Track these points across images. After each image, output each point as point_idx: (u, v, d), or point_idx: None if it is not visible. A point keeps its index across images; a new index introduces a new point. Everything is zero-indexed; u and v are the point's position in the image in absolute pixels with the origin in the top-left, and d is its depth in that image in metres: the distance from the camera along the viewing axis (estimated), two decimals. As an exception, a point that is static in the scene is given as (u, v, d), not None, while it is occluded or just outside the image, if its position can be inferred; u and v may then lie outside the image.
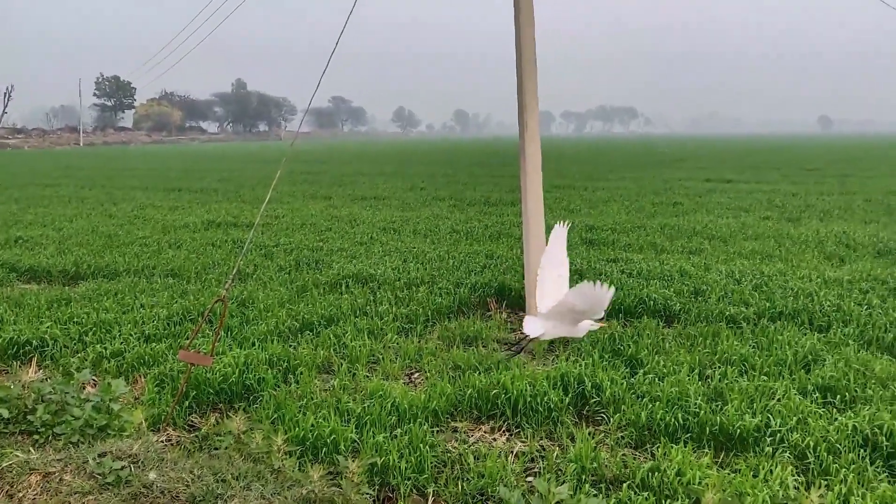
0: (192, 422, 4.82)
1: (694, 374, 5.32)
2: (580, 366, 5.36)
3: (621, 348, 5.90)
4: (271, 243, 11.08)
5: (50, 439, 4.17)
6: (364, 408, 4.73)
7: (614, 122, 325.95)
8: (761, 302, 7.15)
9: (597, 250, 10.39)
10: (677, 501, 3.68)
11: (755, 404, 4.67)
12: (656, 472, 3.89)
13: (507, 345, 6.39)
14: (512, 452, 4.33)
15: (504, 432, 4.65)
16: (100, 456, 3.77)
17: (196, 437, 4.48)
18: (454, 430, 4.65)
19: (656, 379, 5.18)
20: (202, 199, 18.68)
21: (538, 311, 4.76)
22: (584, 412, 4.88)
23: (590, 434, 4.46)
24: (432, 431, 4.51)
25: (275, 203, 17.06)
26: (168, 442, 4.48)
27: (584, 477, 3.95)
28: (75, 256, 9.91)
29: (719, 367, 5.45)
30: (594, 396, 4.94)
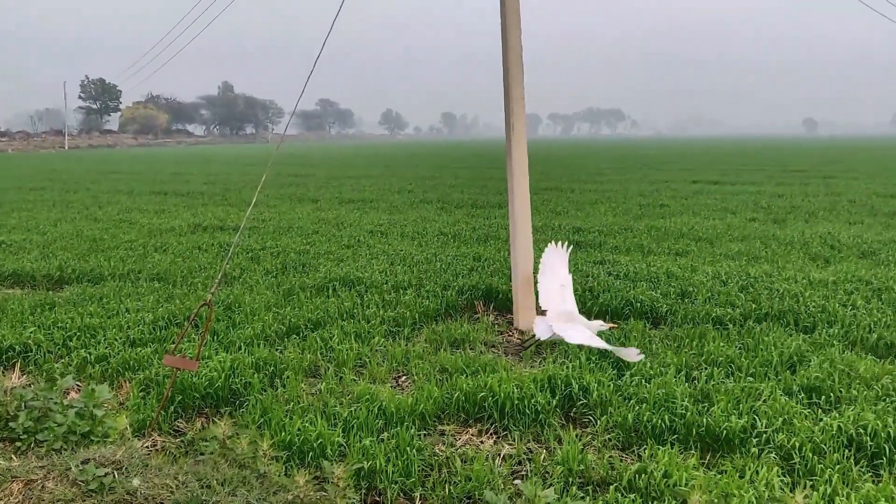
0: (177, 427, 4.78)
1: (681, 375, 5.34)
2: (567, 368, 5.36)
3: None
4: (258, 246, 11.03)
5: (32, 446, 4.12)
6: (351, 412, 4.71)
7: (601, 125, 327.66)
8: (747, 303, 7.18)
9: (584, 252, 10.41)
10: (664, 503, 3.68)
11: (741, 405, 4.69)
12: (643, 474, 3.89)
13: (517, 346, 6.41)
14: (499, 455, 4.33)
15: (491, 435, 4.64)
16: (83, 463, 3.73)
17: (182, 443, 4.45)
18: (441, 434, 4.64)
19: (643, 381, 5.19)
20: (188, 203, 18.57)
21: (548, 315, 4.86)
22: (572, 414, 4.89)
23: (577, 436, 4.46)
24: (419, 435, 4.50)
25: (261, 206, 16.99)
26: (153, 448, 4.44)
27: (571, 479, 3.95)
28: (60, 261, 9.83)
29: (706, 369, 5.47)
30: (581, 398, 4.95)
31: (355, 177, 28.07)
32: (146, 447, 4.37)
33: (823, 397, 4.90)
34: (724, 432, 4.34)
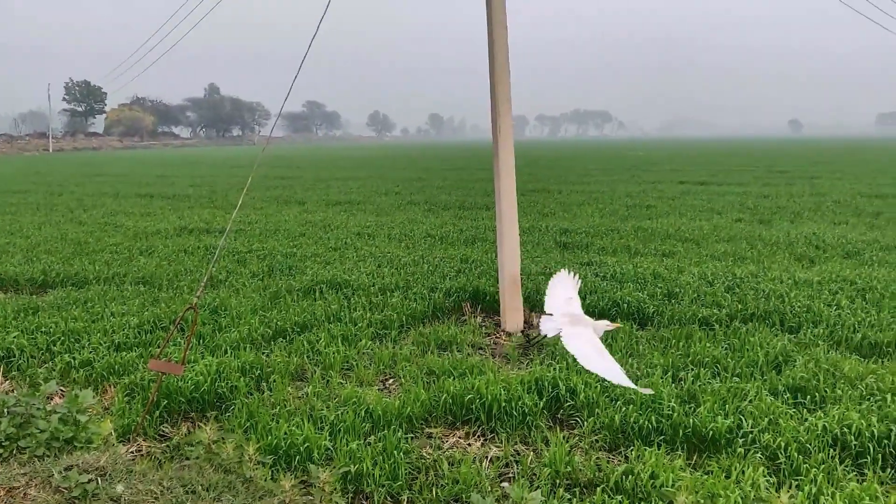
0: (163, 431, 4.74)
1: (667, 376, 5.35)
2: (554, 369, 5.37)
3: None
4: (244, 249, 10.98)
5: (14, 453, 4.07)
6: (338, 415, 4.69)
7: (588, 126, 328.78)
8: (733, 304, 7.22)
9: (571, 253, 10.43)
10: (651, 504, 3.69)
11: (727, 406, 4.71)
12: (630, 475, 3.90)
13: (523, 344, 6.42)
14: (486, 458, 4.32)
15: (479, 437, 4.64)
16: (66, 469, 3.69)
17: (167, 448, 4.41)
18: (429, 437, 4.63)
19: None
20: (174, 205, 18.45)
21: (554, 315, 4.85)
22: (559, 416, 4.89)
23: (564, 438, 4.47)
24: (407, 438, 4.48)
25: (248, 208, 16.92)
26: (138, 453, 4.40)
27: (558, 481, 3.95)
28: (43, 264, 9.73)
29: (692, 369, 5.49)
30: (568, 400, 4.95)
31: (342, 179, 28.01)
32: (131, 452, 4.33)
33: (809, 397, 4.93)
34: (711, 433, 4.35)
